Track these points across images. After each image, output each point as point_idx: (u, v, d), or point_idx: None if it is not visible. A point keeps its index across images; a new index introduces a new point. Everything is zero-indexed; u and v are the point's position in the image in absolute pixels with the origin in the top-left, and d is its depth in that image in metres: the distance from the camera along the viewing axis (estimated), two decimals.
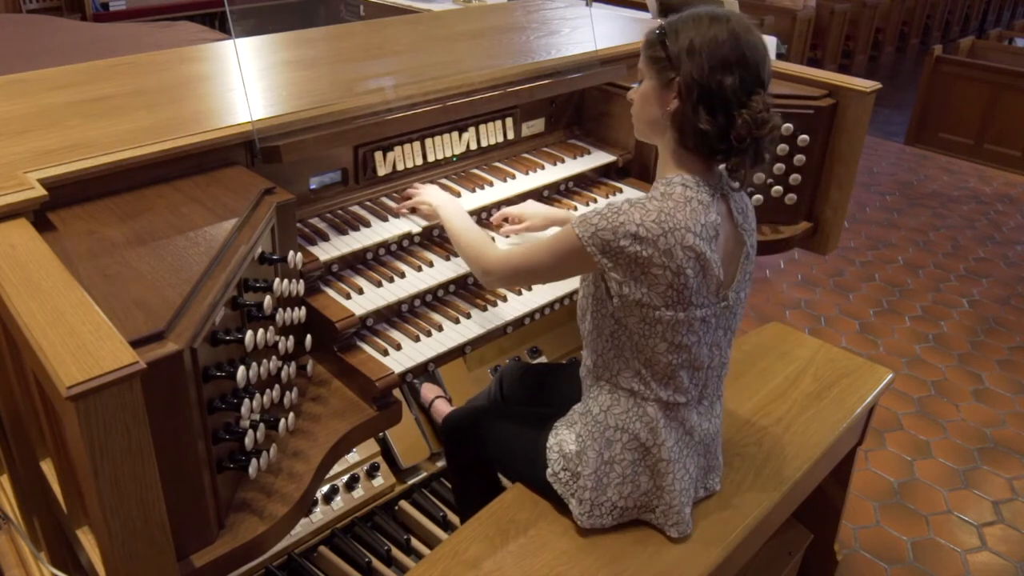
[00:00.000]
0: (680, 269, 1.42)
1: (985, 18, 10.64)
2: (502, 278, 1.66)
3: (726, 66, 1.40)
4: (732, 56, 1.40)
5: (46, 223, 1.38)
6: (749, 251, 1.57)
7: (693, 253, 1.42)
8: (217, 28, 5.40)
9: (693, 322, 1.48)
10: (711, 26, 1.42)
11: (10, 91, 1.82)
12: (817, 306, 4.03)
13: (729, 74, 1.39)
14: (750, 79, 1.41)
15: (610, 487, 1.59)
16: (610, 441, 1.58)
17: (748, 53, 1.41)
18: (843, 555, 2.54)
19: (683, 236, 1.41)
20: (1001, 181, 5.76)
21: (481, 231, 1.76)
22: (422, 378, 2.59)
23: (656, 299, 1.44)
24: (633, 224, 1.41)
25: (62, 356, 1.01)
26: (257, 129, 1.67)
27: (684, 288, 1.43)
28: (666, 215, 1.42)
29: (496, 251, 1.66)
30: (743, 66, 1.40)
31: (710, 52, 1.40)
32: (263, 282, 1.42)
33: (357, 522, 2.30)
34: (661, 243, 1.41)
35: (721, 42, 1.40)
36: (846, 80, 2.32)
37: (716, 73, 1.39)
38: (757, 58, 1.42)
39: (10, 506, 1.97)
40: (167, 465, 1.15)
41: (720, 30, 1.41)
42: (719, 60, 1.40)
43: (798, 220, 2.43)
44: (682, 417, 1.58)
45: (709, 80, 1.40)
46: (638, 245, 1.41)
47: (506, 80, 2.12)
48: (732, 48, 1.40)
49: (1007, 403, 3.37)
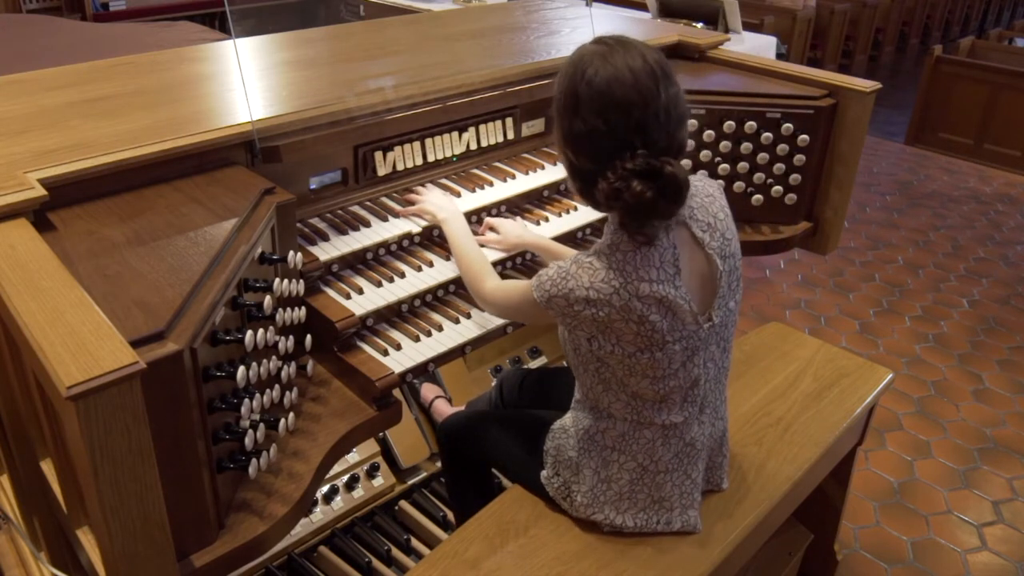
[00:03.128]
0: (643, 318, 1.38)
1: (985, 18, 10.63)
2: (493, 308, 1.69)
3: (581, 133, 1.36)
4: (589, 121, 1.35)
5: (46, 223, 1.38)
6: (721, 266, 1.47)
7: (653, 299, 1.38)
8: (217, 28, 5.40)
9: (674, 355, 1.44)
10: (576, 73, 1.37)
11: (10, 91, 1.82)
12: (817, 306, 4.03)
13: (582, 141, 1.37)
14: (607, 143, 1.34)
15: (607, 504, 1.59)
16: (607, 461, 1.57)
17: (600, 116, 1.33)
18: (843, 555, 2.54)
19: (636, 288, 1.36)
20: (1001, 181, 5.75)
21: (482, 255, 1.77)
22: (422, 378, 2.59)
23: (628, 347, 1.42)
24: (582, 289, 1.38)
25: (62, 356, 1.01)
26: (257, 129, 1.67)
27: (653, 332, 1.39)
28: (615, 269, 1.37)
29: (491, 283, 1.66)
30: (594, 132, 1.35)
31: (571, 114, 1.37)
32: (263, 282, 1.42)
33: (357, 522, 2.30)
34: (615, 300, 1.37)
35: (585, 100, 1.34)
36: (846, 80, 2.32)
37: (573, 138, 1.37)
38: (625, 110, 1.32)
39: (10, 506, 1.97)
40: (167, 465, 1.15)
41: (583, 77, 1.35)
42: (576, 125, 1.36)
43: (798, 220, 2.43)
44: (681, 432, 1.55)
45: (569, 145, 1.39)
46: (592, 308, 1.38)
47: (506, 80, 2.12)
48: (591, 107, 1.34)
49: (1007, 403, 3.37)
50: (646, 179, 1.30)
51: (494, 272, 1.71)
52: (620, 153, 1.32)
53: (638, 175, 1.31)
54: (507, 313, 1.66)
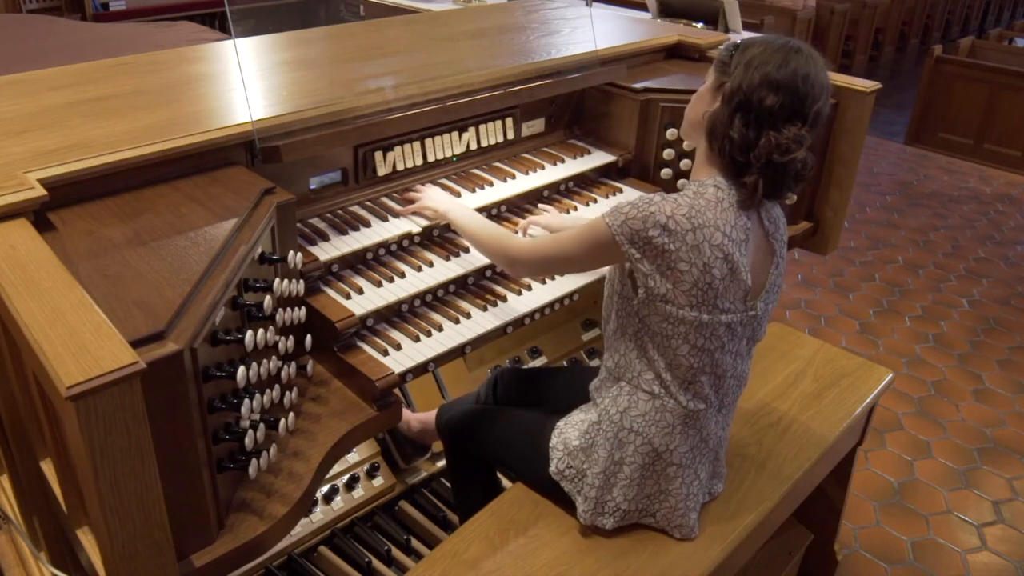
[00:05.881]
0: (707, 267, 1.42)
1: (985, 18, 10.63)
2: (530, 266, 1.68)
3: (772, 86, 1.41)
4: (782, 80, 1.41)
5: (46, 223, 1.38)
6: (779, 260, 1.57)
7: (721, 253, 1.43)
8: (217, 28, 5.40)
9: (718, 327, 1.48)
10: (779, 50, 1.43)
11: (10, 91, 1.82)
12: (817, 306, 4.03)
13: (773, 94, 1.41)
14: (792, 107, 1.42)
15: (616, 487, 1.59)
16: (623, 442, 1.58)
17: (800, 84, 1.41)
18: (843, 555, 2.54)
19: (712, 234, 1.42)
20: (1001, 181, 5.75)
21: (497, 226, 1.78)
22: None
23: (681, 297, 1.44)
24: (663, 215, 1.42)
25: (62, 356, 1.01)
26: (257, 129, 1.67)
27: (709, 288, 1.43)
28: (697, 211, 1.43)
29: (521, 241, 1.69)
30: (789, 93, 1.41)
31: (763, 69, 1.42)
32: (263, 282, 1.42)
33: (357, 522, 2.30)
34: (689, 238, 1.41)
35: (778, 65, 1.42)
36: (846, 80, 2.32)
37: (761, 89, 1.41)
38: (808, 93, 1.43)
39: (10, 506, 1.97)
40: (167, 465, 1.15)
41: (785, 57, 1.42)
42: (768, 79, 1.41)
43: (798, 220, 2.43)
44: (700, 424, 1.57)
45: (752, 93, 1.42)
46: (666, 237, 1.41)
47: (506, 80, 2.12)
48: (786, 74, 1.41)
49: (1007, 403, 3.37)
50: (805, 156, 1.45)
51: (517, 235, 1.73)
52: (792, 122, 1.43)
53: (802, 147, 1.44)
54: (551, 262, 1.65)
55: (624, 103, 2.32)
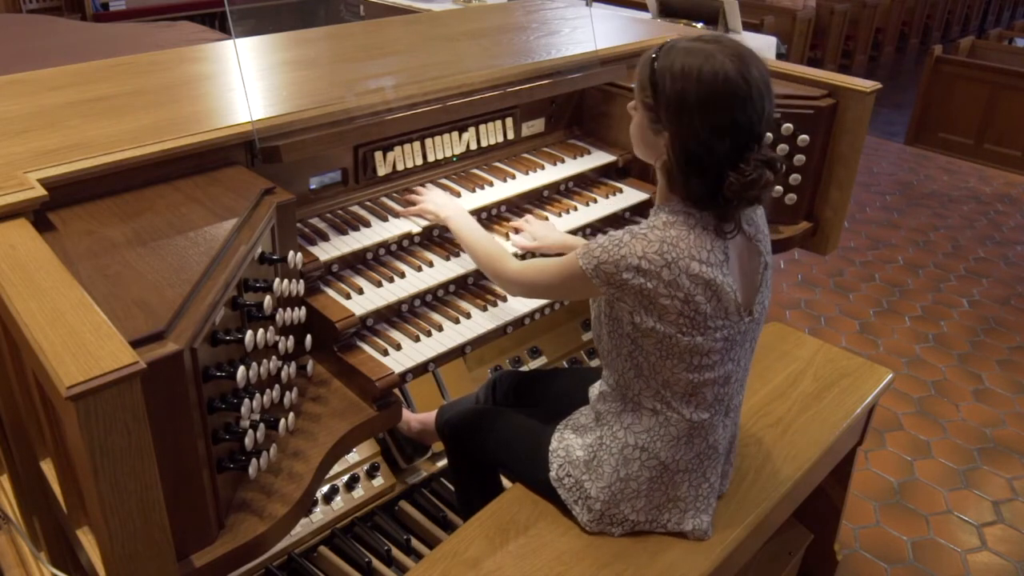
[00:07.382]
0: (688, 297, 1.39)
1: (985, 18, 10.64)
2: (518, 289, 1.68)
3: (719, 132, 1.33)
4: (724, 120, 1.33)
5: (46, 223, 1.38)
6: (766, 259, 1.53)
7: (701, 280, 1.39)
8: (217, 28, 5.40)
9: (715, 343, 1.45)
10: (703, 75, 1.32)
11: (10, 91, 1.82)
12: (817, 306, 4.03)
13: (719, 139, 1.33)
14: (744, 141, 1.35)
15: (623, 502, 1.59)
16: (628, 459, 1.56)
17: (744, 114, 1.33)
18: (843, 555, 2.54)
19: (687, 265, 1.38)
20: (1001, 181, 5.75)
21: (494, 240, 1.77)
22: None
23: (670, 327, 1.42)
24: (635, 257, 1.38)
25: (62, 356, 1.01)
26: (257, 129, 1.67)
27: (697, 314, 1.41)
28: (669, 245, 1.38)
29: (513, 263, 1.67)
30: (737, 129, 1.34)
31: (701, 115, 1.33)
32: (263, 282, 1.42)
33: (357, 522, 2.30)
34: (665, 274, 1.38)
35: (714, 101, 1.32)
36: (846, 80, 2.32)
37: (709, 139, 1.34)
38: (753, 113, 1.34)
39: (10, 506, 1.97)
40: (167, 465, 1.15)
41: (713, 83, 1.32)
42: (710, 125, 1.33)
43: (798, 220, 2.43)
44: (706, 432, 1.55)
45: (699, 147, 1.35)
46: (641, 278, 1.38)
47: (506, 80, 2.12)
48: (724, 108, 1.32)
49: (1007, 403, 3.37)
50: (772, 169, 1.38)
51: (510, 255, 1.71)
52: (749, 148, 1.37)
53: (767, 165, 1.37)
54: (537, 290, 1.65)
55: (624, 103, 2.31)
